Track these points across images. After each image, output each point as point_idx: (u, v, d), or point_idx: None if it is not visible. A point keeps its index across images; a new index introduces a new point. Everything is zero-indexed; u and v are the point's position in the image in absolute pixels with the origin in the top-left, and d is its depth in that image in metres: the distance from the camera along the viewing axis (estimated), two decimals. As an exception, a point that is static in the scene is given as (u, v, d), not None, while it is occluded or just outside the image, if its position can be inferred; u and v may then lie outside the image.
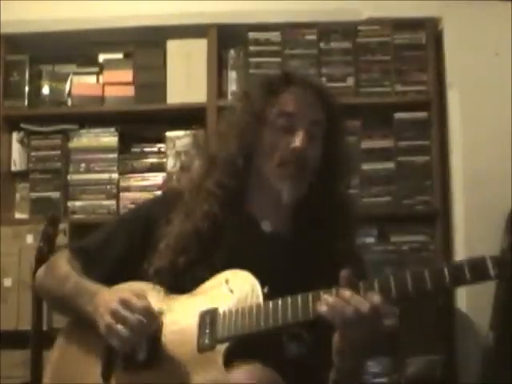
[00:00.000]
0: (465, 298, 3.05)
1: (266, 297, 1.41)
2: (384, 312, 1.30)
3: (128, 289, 1.51)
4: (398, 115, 3.25)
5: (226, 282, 1.47)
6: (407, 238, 3.19)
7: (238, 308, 1.42)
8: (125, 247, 1.64)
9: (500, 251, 1.34)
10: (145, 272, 1.57)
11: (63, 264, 1.64)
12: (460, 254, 3.11)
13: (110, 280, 1.57)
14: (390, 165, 3.23)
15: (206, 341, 1.40)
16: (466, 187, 3.13)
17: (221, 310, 1.43)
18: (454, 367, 2.94)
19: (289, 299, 1.38)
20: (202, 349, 1.40)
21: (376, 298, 1.29)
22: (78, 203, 3.28)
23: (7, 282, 3.05)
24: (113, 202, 3.22)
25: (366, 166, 3.22)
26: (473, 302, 3.03)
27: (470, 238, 3.09)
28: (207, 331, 1.41)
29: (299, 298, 1.38)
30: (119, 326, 1.40)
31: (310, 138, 1.60)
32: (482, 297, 2.95)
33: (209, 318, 1.43)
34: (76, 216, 3.25)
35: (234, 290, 1.45)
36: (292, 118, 1.61)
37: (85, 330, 1.54)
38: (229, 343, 1.39)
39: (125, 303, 1.42)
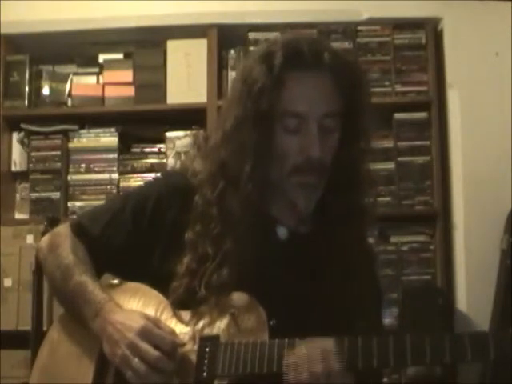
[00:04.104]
0: (465, 298, 3.05)
1: (273, 330, 1.30)
2: None
3: (141, 313, 1.38)
4: (398, 115, 3.25)
5: (231, 307, 1.34)
6: (407, 238, 3.19)
7: (240, 341, 1.30)
8: (130, 234, 1.48)
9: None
10: (153, 265, 1.45)
11: (67, 251, 1.48)
12: (460, 253, 3.11)
13: (115, 266, 1.50)
14: (390, 165, 3.23)
15: (204, 374, 1.31)
16: (466, 187, 3.13)
17: (222, 339, 1.33)
18: (454, 367, 2.93)
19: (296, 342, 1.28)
20: (198, 382, 1.31)
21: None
22: (78, 203, 3.28)
23: (7, 282, 3.05)
24: (113, 202, 3.23)
25: (366, 166, 3.22)
26: (473, 301, 3.03)
27: (469, 238, 3.09)
28: (206, 362, 1.31)
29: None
30: (136, 360, 1.29)
31: (324, 132, 1.38)
32: (482, 297, 2.95)
33: (209, 347, 1.32)
34: (76, 216, 3.25)
35: (238, 319, 1.33)
36: (302, 119, 1.37)
37: (80, 326, 1.44)
38: (228, 381, 1.30)
39: (145, 335, 1.31)
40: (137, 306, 1.43)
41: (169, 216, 1.46)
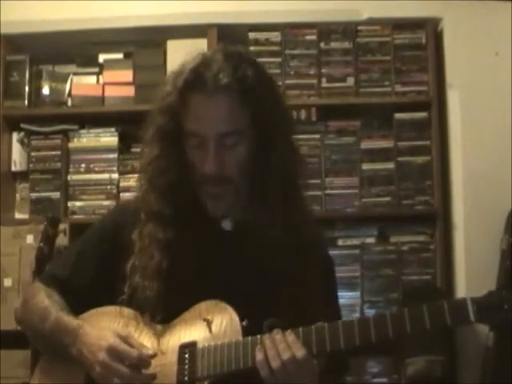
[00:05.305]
0: (465, 298, 3.05)
1: (246, 330, 1.39)
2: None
3: (113, 330, 1.45)
4: (398, 115, 3.25)
5: (205, 313, 1.44)
6: (407, 238, 3.20)
7: (217, 344, 1.39)
8: (96, 266, 1.59)
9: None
10: (120, 290, 1.53)
11: (41, 298, 1.57)
12: (460, 253, 3.11)
13: (90, 301, 1.56)
14: (390, 165, 3.23)
15: (186, 378, 1.39)
16: (466, 187, 3.13)
17: (200, 345, 1.41)
18: (454, 367, 2.94)
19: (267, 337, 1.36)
20: None
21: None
22: (78, 203, 3.28)
23: (7, 282, 3.05)
24: (113, 203, 3.23)
25: (365, 166, 3.23)
26: (473, 302, 3.02)
27: (469, 238, 3.09)
28: (186, 367, 1.40)
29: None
30: (115, 379, 1.39)
31: (224, 149, 1.47)
32: (482, 297, 2.95)
33: (188, 353, 1.41)
34: (76, 216, 3.25)
35: (212, 324, 1.42)
36: (201, 138, 1.48)
37: (61, 360, 1.51)
38: (208, 382, 1.39)
39: (113, 353, 1.39)
40: (118, 327, 1.49)
41: (124, 238, 1.56)
